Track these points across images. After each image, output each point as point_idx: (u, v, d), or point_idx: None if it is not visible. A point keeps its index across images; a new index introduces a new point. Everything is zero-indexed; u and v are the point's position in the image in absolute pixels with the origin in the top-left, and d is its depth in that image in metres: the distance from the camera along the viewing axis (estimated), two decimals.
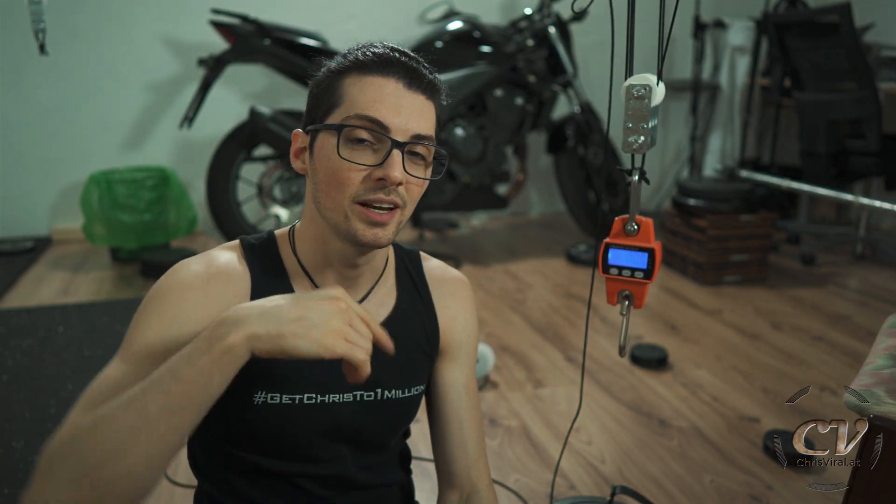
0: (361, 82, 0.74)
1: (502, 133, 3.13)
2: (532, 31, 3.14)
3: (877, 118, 2.72)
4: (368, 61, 0.75)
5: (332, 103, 0.75)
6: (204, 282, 0.75)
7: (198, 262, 0.77)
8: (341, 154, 0.73)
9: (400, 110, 0.74)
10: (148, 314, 0.73)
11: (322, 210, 0.76)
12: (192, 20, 3.27)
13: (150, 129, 3.46)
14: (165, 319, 0.72)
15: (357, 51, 0.77)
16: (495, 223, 3.90)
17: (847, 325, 2.45)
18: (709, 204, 2.86)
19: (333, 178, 0.74)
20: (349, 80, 0.75)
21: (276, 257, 0.81)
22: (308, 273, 0.80)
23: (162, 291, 0.74)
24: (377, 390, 0.82)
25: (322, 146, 0.75)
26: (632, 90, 0.75)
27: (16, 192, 3.38)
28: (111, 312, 2.45)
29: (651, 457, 1.64)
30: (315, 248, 0.80)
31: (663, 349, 2.16)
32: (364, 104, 0.73)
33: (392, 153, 0.73)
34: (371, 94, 0.73)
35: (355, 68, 0.75)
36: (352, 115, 0.73)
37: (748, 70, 3.68)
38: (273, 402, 0.76)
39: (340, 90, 0.75)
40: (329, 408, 0.79)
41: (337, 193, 0.74)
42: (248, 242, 0.81)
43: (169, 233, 3.15)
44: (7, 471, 1.51)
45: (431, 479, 1.53)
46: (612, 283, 0.84)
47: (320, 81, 0.78)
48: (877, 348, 1.09)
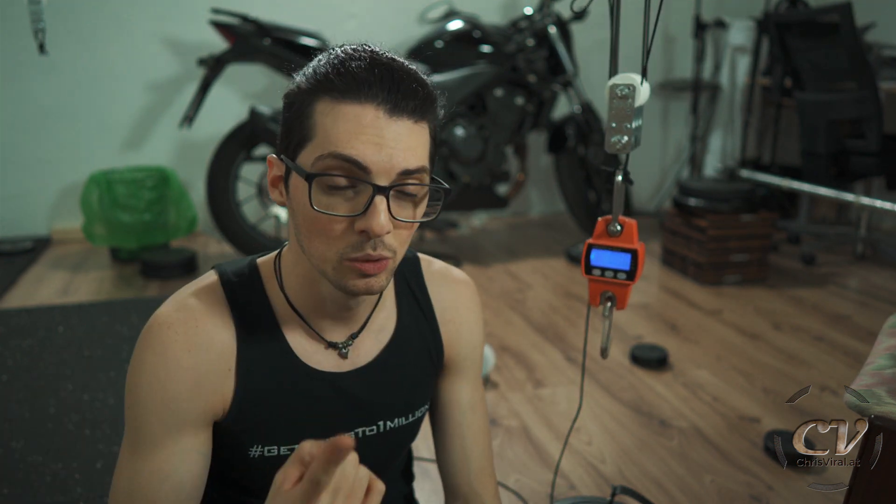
0: (335, 111, 0.63)
1: (502, 133, 3.13)
2: (532, 31, 3.14)
3: (877, 118, 2.72)
4: (342, 85, 0.62)
5: (304, 135, 0.65)
6: (186, 353, 0.69)
7: (175, 330, 0.69)
8: (315, 206, 0.63)
9: (381, 145, 0.62)
10: (143, 403, 0.69)
11: (307, 255, 0.68)
12: (192, 20, 3.27)
13: (149, 129, 3.46)
14: (161, 407, 0.68)
15: (330, 65, 0.64)
16: (495, 223, 3.90)
17: (847, 325, 2.45)
18: (709, 204, 2.86)
19: (313, 228, 0.65)
20: (321, 107, 0.64)
21: (262, 300, 0.73)
22: (302, 316, 0.73)
23: (148, 374, 0.68)
24: (379, 423, 0.78)
25: (296, 187, 0.66)
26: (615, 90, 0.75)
27: (15, 192, 3.37)
28: (111, 312, 2.45)
29: (651, 457, 1.64)
30: (305, 287, 0.72)
31: (663, 349, 2.15)
32: (337, 140, 0.62)
33: (374, 201, 0.62)
34: (345, 128, 0.62)
35: (326, 91, 0.63)
36: (325, 153, 0.62)
37: (749, 70, 3.67)
38: (270, 454, 0.73)
39: (311, 119, 0.64)
40: None
41: (321, 245, 0.66)
42: (229, 280, 0.73)
43: (169, 233, 3.15)
44: (7, 471, 1.51)
45: (431, 478, 1.53)
46: (595, 284, 0.84)
47: (292, 100, 0.67)
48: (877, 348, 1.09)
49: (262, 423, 0.72)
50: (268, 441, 0.73)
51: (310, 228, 0.66)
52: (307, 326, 0.74)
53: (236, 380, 0.71)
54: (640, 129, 0.78)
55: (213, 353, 0.70)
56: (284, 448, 0.73)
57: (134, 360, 0.70)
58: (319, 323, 0.74)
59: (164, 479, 0.68)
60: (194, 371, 0.69)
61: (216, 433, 0.72)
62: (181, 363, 0.68)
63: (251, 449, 0.73)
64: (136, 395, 0.69)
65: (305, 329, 0.74)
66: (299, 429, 0.73)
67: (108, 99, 3.37)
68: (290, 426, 0.73)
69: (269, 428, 0.73)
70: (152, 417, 0.68)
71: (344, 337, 0.76)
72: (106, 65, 3.33)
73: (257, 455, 0.73)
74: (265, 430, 0.72)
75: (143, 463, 0.68)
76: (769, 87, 3.57)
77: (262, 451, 0.73)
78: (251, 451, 0.73)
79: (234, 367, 0.71)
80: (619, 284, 0.82)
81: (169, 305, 0.72)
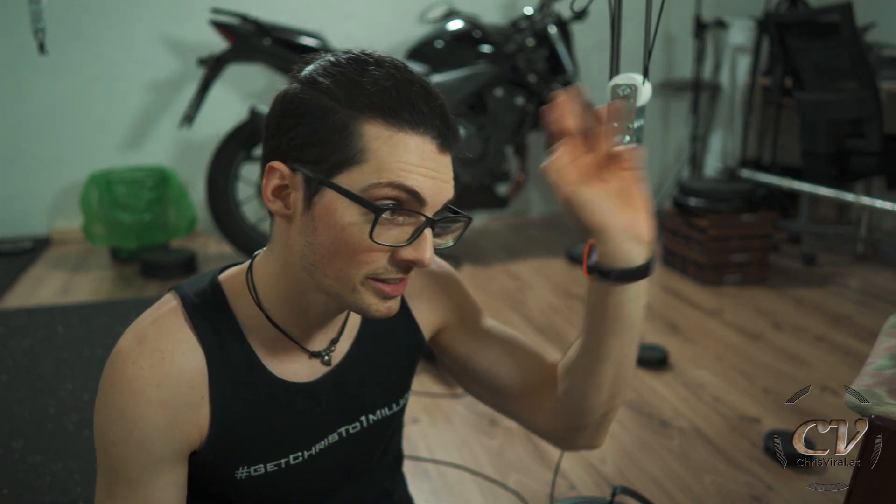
0: (394, 140, 0.60)
1: (502, 133, 3.13)
2: (532, 31, 3.14)
3: (878, 118, 2.72)
4: (403, 112, 0.60)
5: (350, 156, 0.60)
6: (155, 389, 0.65)
7: (140, 365, 0.66)
8: (374, 237, 0.60)
9: (436, 179, 0.62)
10: (115, 445, 0.66)
11: (318, 275, 0.64)
12: (192, 20, 3.27)
13: (149, 128, 3.46)
14: (135, 448, 0.66)
15: (382, 87, 0.61)
16: (495, 223, 3.90)
17: (848, 325, 2.45)
18: (709, 204, 2.86)
19: (347, 250, 0.62)
20: (374, 131, 0.60)
21: (228, 318, 0.70)
22: (284, 331, 0.71)
23: (116, 415, 0.65)
24: (361, 418, 0.78)
25: (333, 208, 0.61)
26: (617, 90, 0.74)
27: (15, 192, 3.38)
28: (111, 312, 2.45)
29: (651, 457, 1.64)
30: (289, 300, 0.69)
31: (664, 349, 2.15)
32: (399, 170, 0.60)
33: (424, 233, 0.62)
34: (407, 159, 0.60)
35: (380, 115, 0.60)
36: (383, 181, 0.60)
37: (749, 70, 3.67)
38: (258, 472, 0.72)
39: (361, 141, 0.60)
40: (317, 458, 0.75)
41: (349, 269, 0.63)
42: (192, 302, 0.69)
43: (169, 233, 3.15)
44: (6, 471, 1.51)
45: (431, 479, 1.53)
46: None
47: (317, 109, 0.61)
48: (878, 348, 1.08)
49: (243, 445, 0.70)
50: (252, 461, 0.71)
51: (339, 251, 0.62)
52: (285, 339, 0.71)
53: (210, 407, 0.68)
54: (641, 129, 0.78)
55: (183, 384, 0.66)
56: (271, 465, 0.72)
57: (100, 401, 0.67)
58: (301, 335, 0.72)
59: None
60: (166, 406, 0.65)
61: (199, 461, 0.71)
62: (151, 400, 0.65)
63: (237, 472, 0.71)
64: (107, 437, 0.66)
65: (282, 342, 0.71)
66: (282, 443, 0.73)
67: (108, 99, 3.37)
68: (271, 443, 0.72)
69: (252, 448, 0.71)
70: (126, 458, 0.66)
71: (325, 344, 0.75)
72: (106, 65, 3.33)
73: (244, 476, 0.71)
74: (247, 451, 0.71)
75: (121, 502, 0.67)
76: (769, 87, 3.57)
77: (248, 472, 0.71)
78: (237, 474, 0.71)
79: (208, 395, 0.68)
80: None
81: (130, 338, 0.68)
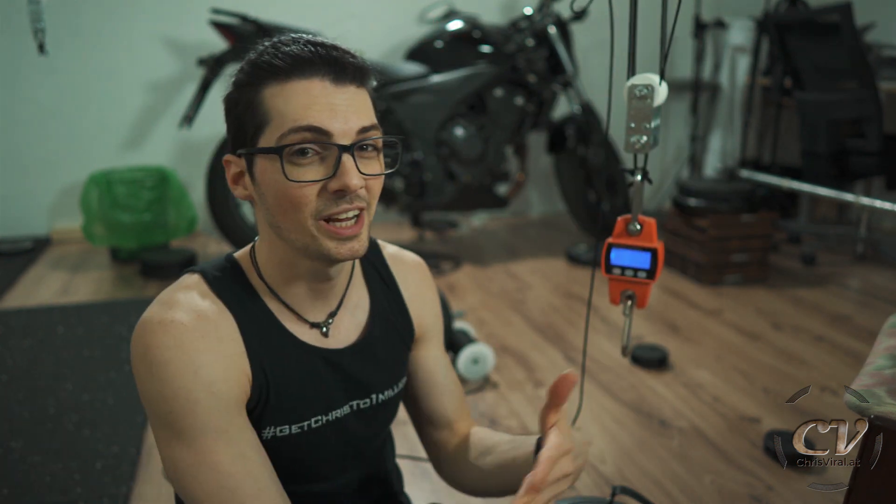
0: (284, 91, 0.67)
1: (502, 133, 3.13)
2: (532, 31, 3.14)
3: (877, 118, 2.72)
4: (285, 66, 0.68)
5: (260, 122, 0.69)
6: (201, 339, 0.68)
7: (181, 322, 0.68)
8: (289, 177, 0.67)
9: (335, 110, 0.68)
10: (185, 399, 0.66)
11: (283, 234, 0.71)
12: (192, 20, 3.27)
13: (149, 129, 3.46)
14: (205, 395, 0.67)
15: (267, 54, 0.69)
16: (495, 223, 3.90)
17: (848, 325, 2.45)
18: (709, 204, 2.86)
19: (286, 200, 0.68)
20: (269, 92, 0.68)
21: (248, 288, 0.75)
22: (278, 296, 0.76)
23: (174, 370, 0.67)
24: (371, 396, 0.82)
25: (264, 170, 0.69)
26: (634, 90, 0.75)
27: (15, 192, 3.38)
28: (111, 312, 2.45)
29: (651, 457, 1.64)
30: (283, 271, 0.75)
31: (664, 349, 2.15)
32: (295, 115, 0.67)
33: (342, 159, 0.67)
34: (299, 102, 0.67)
35: (271, 76, 0.68)
36: (286, 130, 0.67)
37: (749, 70, 3.67)
38: (283, 434, 0.75)
39: (263, 106, 0.68)
40: (334, 424, 0.79)
41: (295, 214, 0.69)
42: (213, 276, 0.75)
43: (169, 233, 3.15)
44: (6, 471, 1.51)
45: (431, 479, 1.53)
46: (615, 283, 0.84)
47: (234, 98, 0.71)
48: (877, 348, 1.08)
49: (273, 404, 0.73)
50: (279, 422, 0.74)
51: (282, 204, 0.69)
52: (290, 310, 0.76)
53: (250, 363, 0.72)
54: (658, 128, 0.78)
55: (224, 337, 0.70)
56: (295, 427, 0.75)
57: (153, 367, 0.67)
58: (300, 305, 0.77)
59: (246, 459, 0.68)
60: (216, 353, 0.69)
61: None
62: (202, 349, 0.68)
63: (264, 431, 0.74)
64: (175, 395, 0.66)
65: (290, 312, 0.77)
66: (305, 406, 0.76)
67: (108, 99, 3.37)
68: (297, 405, 0.75)
69: (280, 408, 0.74)
70: (202, 410, 0.67)
71: (323, 317, 0.79)
72: (106, 65, 3.33)
73: (270, 437, 0.74)
74: (277, 411, 0.74)
75: (216, 456, 0.67)
76: (769, 87, 3.57)
77: (274, 433, 0.74)
78: (265, 434, 0.74)
79: (245, 352, 0.72)
80: (640, 283, 0.82)
81: (159, 306, 0.70)
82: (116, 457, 1.57)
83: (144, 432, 1.71)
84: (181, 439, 0.67)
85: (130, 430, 1.69)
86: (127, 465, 1.54)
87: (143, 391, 0.68)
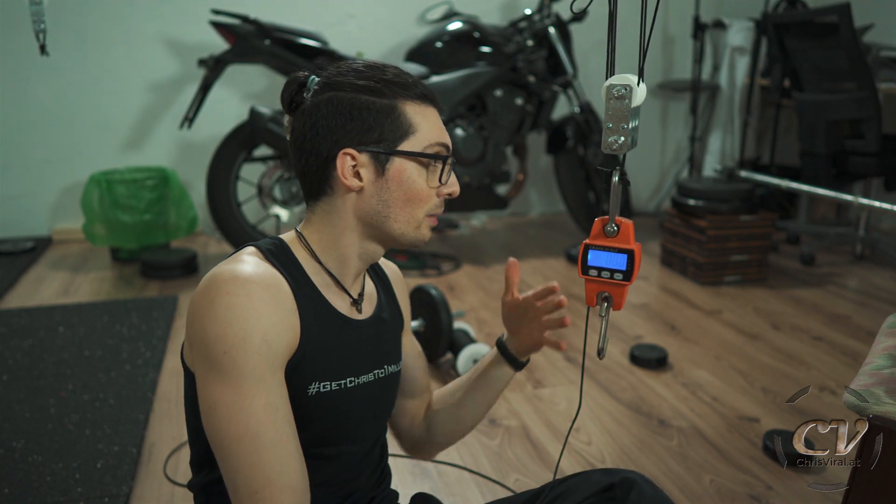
0: (423, 112, 0.84)
1: (502, 133, 3.13)
2: (532, 32, 3.14)
3: (876, 118, 2.72)
4: (420, 92, 0.84)
5: (405, 130, 0.82)
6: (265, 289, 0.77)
7: (248, 276, 0.77)
8: (442, 181, 0.85)
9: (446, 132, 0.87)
10: (243, 343, 0.74)
11: (389, 223, 0.84)
12: (193, 20, 3.28)
13: (150, 129, 3.46)
14: (261, 343, 0.74)
15: (398, 76, 0.84)
16: (495, 223, 3.90)
17: (847, 325, 2.46)
18: (708, 204, 2.86)
19: (416, 197, 0.84)
20: (411, 109, 0.83)
21: (296, 264, 0.85)
22: (333, 276, 0.87)
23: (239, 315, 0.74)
24: (385, 366, 0.93)
25: (403, 169, 0.83)
26: (612, 90, 0.75)
27: (16, 193, 3.38)
28: (111, 312, 2.45)
29: (651, 457, 1.64)
30: (333, 252, 0.86)
31: (663, 349, 2.16)
32: (436, 133, 0.84)
33: (453, 171, 0.86)
34: (434, 123, 0.84)
35: (410, 98, 0.83)
36: (433, 143, 0.83)
37: (748, 70, 3.68)
38: (325, 390, 0.83)
39: (406, 118, 0.82)
40: (363, 388, 0.88)
41: (415, 210, 0.84)
42: (267, 249, 0.84)
43: (169, 233, 3.15)
44: (7, 471, 1.51)
45: (432, 478, 1.54)
46: (592, 284, 0.83)
47: (363, 103, 0.82)
48: (876, 348, 1.09)
49: (319, 361, 0.82)
50: (324, 377, 0.83)
51: (412, 199, 0.84)
52: (334, 284, 0.87)
53: (300, 320, 0.80)
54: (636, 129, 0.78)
55: (282, 293, 0.79)
56: (335, 384, 0.84)
57: (217, 309, 0.74)
58: (346, 282, 0.88)
59: (275, 409, 0.75)
60: (276, 308, 0.77)
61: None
62: (265, 301, 0.76)
63: (310, 386, 0.81)
64: (234, 337, 0.73)
65: (332, 286, 0.87)
66: (343, 366, 0.85)
67: (109, 99, 3.37)
68: (338, 363, 0.85)
69: (324, 365, 0.83)
70: (254, 354, 0.74)
71: (356, 295, 0.90)
72: (106, 65, 3.33)
73: (314, 392, 0.82)
74: (322, 367, 0.82)
75: (252, 400, 0.73)
76: (768, 87, 3.58)
77: (318, 388, 0.82)
78: (310, 389, 0.81)
79: (297, 311, 0.80)
80: (616, 285, 0.82)
81: (227, 264, 0.79)
82: (117, 457, 1.58)
83: (145, 432, 1.71)
84: (227, 379, 0.74)
85: (131, 430, 1.69)
86: (127, 465, 1.55)
87: (202, 334, 0.75)
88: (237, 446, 0.73)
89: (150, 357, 2.08)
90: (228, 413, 0.73)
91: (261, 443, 0.73)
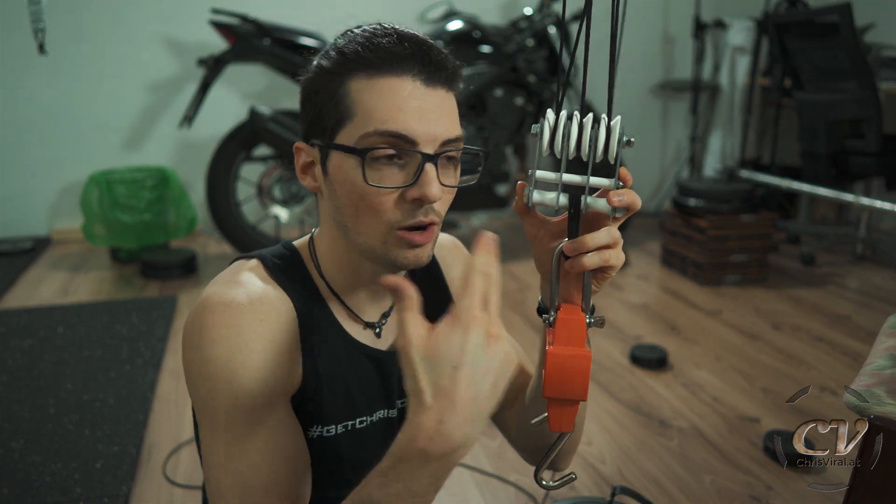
0: (372, 87, 0.64)
1: (502, 133, 3.13)
2: (532, 31, 3.14)
3: (877, 118, 2.72)
4: (377, 59, 0.64)
5: (342, 115, 0.65)
6: (259, 323, 0.66)
7: (240, 303, 0.66)
8: (368, 181, 0.64)
9: (424, 115, 0.64)
10: (232, 381, 0.64)
11: (351, 235, 0.68)
12: (192, 20, 3.27)
13: (149, 129, 3.46)
14: (253, 380, 0.64)
15: (357, 44, 0.66)
16: (495, 223, 3.90)
17: (847, 325, 2.45)
18: (709, 204, 2.86)
19: (362, 203, 0.65)
20: (356, 85, 0.64)
21: (307, 279, 0.73)
22: (340, 299, 0.74)
23: (228, 350, 0.64)
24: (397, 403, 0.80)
25: (340, 167, 0.66)
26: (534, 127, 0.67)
27: (16, 193, 3.38)
28: (111, 313, 2.45)
29: (651, 457, 1.64)
30: (343, 268, 0.73)
31: (663, 349, 2.16)
32: (382, 116, 0.63)
33: (425, 169, 0.64)
34: (387, 103, 0.63)
35: (360, 68, 0.64)
36: (370, 131, 0.63)
37: (748, 70, 3.68)
38: (328, 434, 0.73)
39: (348, 98, 0.65)
40: (377, 425, 0.77)
41: (370, 220, 0.66)
42: (272, 263, 0.72)
43: (169, 233, 3.15)
44: (7, 471, 1.51)
45: None
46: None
47: (316, 85, 0.67)
48: (877, 348, 1.09)
49: (323, 401, 0.71)
50: (326, 421, 0.72)
51: (358, 205, 0.66)
52: (347, 309, 0.74)
53: (303, 356, 0.69)
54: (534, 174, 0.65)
55: (281, 323, 0.68)
56: (340, 427, 0.73)
57: (203, 343, 0.64)
58: (357, 305, 0.75)
59: (275, 451, 0.65)
60: (271, 340, 0.66)
61: None
62: (259, 334, 0.65)
63: (310, 430, 0.72)
64: (218, 377, 0.64)
65: (345, 310, 0.74)
66: (353, 405, 0.74)
67: (108, 99, 3.37)
68: (344, 404, 0.73)
69: (329, 406, 0.72)
70: (244, 396, 0.64)
71: (377, 317, 0.77)
72: (106, 65, 3.33)
73: (316, 436, 0.72)
74: (325, 409, 0.72)
75: (246, 442, 0.64)
76: (769, 87, 3.57)
77: (320, 432, 0.72)
78: (311, 433, 0.72)
79: (300, 344, 0.69)
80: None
81: (218, 287, 0.68)
82: (116, 457, 1.58)
83: (145, 432, 1.71)
84: (214, 424, 0.65)
85: (130, 430, 1.69)
86: (127, 465, 1.54)
87: (188, 370, 0.66)
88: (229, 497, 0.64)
89: (149, 357, 2.08)
90: (219, 456, 0.65)
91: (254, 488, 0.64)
